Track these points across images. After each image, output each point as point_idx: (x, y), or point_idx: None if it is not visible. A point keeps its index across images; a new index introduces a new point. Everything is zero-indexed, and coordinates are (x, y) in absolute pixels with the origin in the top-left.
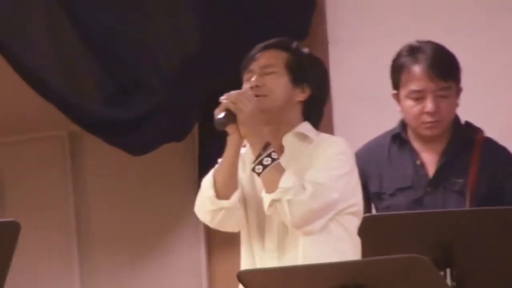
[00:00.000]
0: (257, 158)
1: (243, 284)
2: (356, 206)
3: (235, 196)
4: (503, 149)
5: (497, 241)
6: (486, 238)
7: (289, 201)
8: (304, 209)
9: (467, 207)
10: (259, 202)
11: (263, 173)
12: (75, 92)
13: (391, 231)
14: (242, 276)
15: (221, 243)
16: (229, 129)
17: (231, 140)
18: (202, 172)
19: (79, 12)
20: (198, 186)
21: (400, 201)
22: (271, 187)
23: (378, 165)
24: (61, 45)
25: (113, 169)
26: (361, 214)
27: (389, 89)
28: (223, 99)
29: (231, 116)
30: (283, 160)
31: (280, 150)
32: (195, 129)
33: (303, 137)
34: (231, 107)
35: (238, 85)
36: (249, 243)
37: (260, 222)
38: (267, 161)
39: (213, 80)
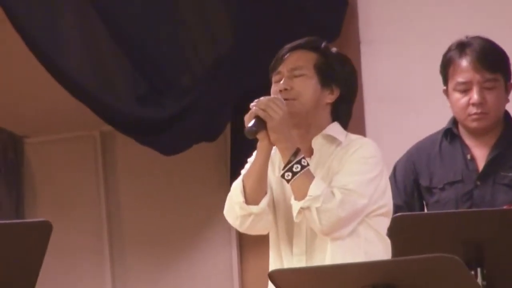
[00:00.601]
0: (287, 164)
1: (274, 284)
2: (386, 207)
3: (264, 201)
4: None
5: None
6: (505, 231)
7: (318, 209)
8: (333, 218)
9: None
10: (288, 206)
11: (292, 180)
12: (107, 92)
13: (421, 231)
14: (274, 276)
15: (252, 243)
16: (259, 135)
17: (261, 146)
18: (234, 173)
19: (111, 12)
20: (229, 186)
21: (450, 195)
22: (300, 194)
23: (429, 161)
24: (93, 45)
25: (144, 169)
26: (390, 215)
27: (423, 90)
28: (253, 105)
29: (261, 124)
30: (312, 163)
31: (309, 153)
32: (227, 129)
33: (332, 139)
34: (261, 114)
35: (269, 86)
36: (277, 246)
37: (288, 227)
38: (296, 168)
39: (245, 80)
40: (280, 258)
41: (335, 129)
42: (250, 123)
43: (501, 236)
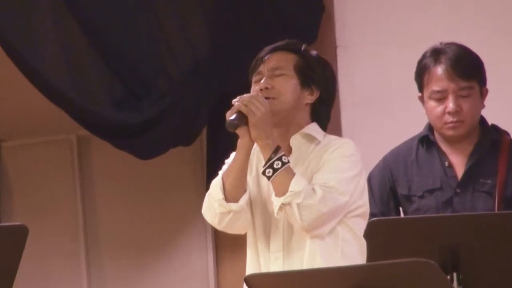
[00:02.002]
0: (267, 161)
1: None
2: (363, 208)
3: (244, 199)
4: None
5: (504, 245)
6: (492, 242)
7: (299, 205)
8: (314, 214)
9: (496, 208)
10: (265, 204)
11: (273, 176)
12: (84, 96)
13: (397, 235)
14: (250, 280)
15: (229, 246)
16: (240, 131)
17: (241, 143)
18: (210, 176)
19: (88, 17)
20: (206, 190)
21: (430, 203)
22: (281, 191)
23: (406, 168)
24: (69, 47)
25: (121, 173)
26: (367, 216)
27: (398, 94)
28: (235, 101)
29: (242, 118)
30: (291, 161)
31: (289, 151)
32: (203, 133)
33: (311, 138)
34: (243, 109)
35: (246, 90)
36: (254, 245)
37: (266, 224)
38: (277, 164)
39: (221, 84)
40: (257, 256)
41: (314, 128)
42: (231, 116)
43: (477, 241)
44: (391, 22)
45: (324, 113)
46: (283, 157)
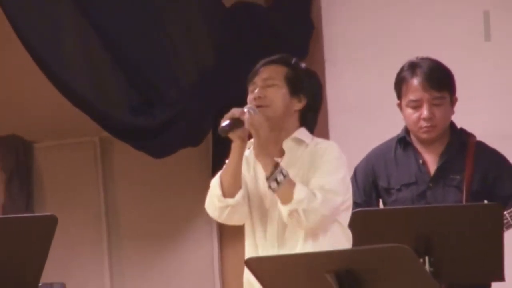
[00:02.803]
0: (270, 175)
1: (250, 270)
2: (348, 202)
3: (239, 195)
4: (494, 151)
5: (469, 232)
6: (459, 230)
7: (304, 210)
8: (318, 217)
9: (464, 200)
10: (262, 198)
11: (278, 188)
12: (105, 103)
13: (378, 224)
14: (250, 263)
15: (231, 234)
16: (232, 136)
17: (234, 146)
18: (215, 173)
19: (109, 35)
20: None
21: (406, 195)
22: (286, 199)
23: (386, 165)
24: (94, 63)
25: (138, 170)
26: (351, 208)
27: (378, 102)
28: (237, 110)
29: (233, 125)
30: (284, 162)
31: (281, 153)
32: (209, 135)
33: (300, 141)
34: (247, 125)
35: (246, 98)
36: (252, 234)
37: (262, 216)
38: (279, 177)
39: (224, 93)
40: (255, 244)
41: (302, 133)
42: (224, 123)
43: (446, 229)
44: (372, 40)
45: (311, 118)
46: (283, 170)
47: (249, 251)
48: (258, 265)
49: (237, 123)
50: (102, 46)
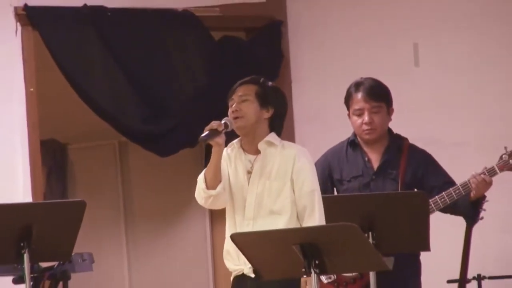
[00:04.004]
0: None
1: (234, 243)
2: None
3: (220, 187)
4: (423, 151)
5: (402, 213)
6: (395, 210)
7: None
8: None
9: (398, 189)
10: (241, 187)
11: None
12: (123, 115)
13: (333, 207)
14: (234, 237)
15: (219, 216)
16: (212, 142)
17: (214, 150)
18: None
19: (126, 63)
20: None
21: (354, 185)
22: None
23: (339, 161)
24: (114, 84)
25: (148, 166)
26: None
27: (334, 114)
28: (215, 122)
29: (211, 135)
30: (260, 160)
31: (257, 152)
32: None
33: (271, 144)
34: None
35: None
36: (232, 215)
37: (241, 201)
38: None
39: (214, 106)
40: (234, 223)
41: (272, 137)
42: (204, 133)
43: (385, 210)
44: (329, 65)
45: (278, 124)
46: None
47: (230, 228)
48: (241, 239)
49: (215, 133)
50: (121, 72)
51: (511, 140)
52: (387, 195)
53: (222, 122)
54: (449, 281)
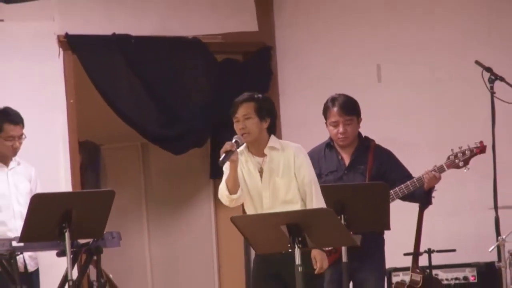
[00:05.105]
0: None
1: (234, 225)
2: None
3: (239, 192)
4: (387, 150)
5: (368, 200)
6: (362, 198)
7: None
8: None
9: (366, 181)
10: (256, 184)
11: None
12: (144, 121)
13: None
14: (234, 220)
15: (222, 204)
16: (229, 161)
17: (231, 166)
18: (212, 164)
19: (147, 79)
20: (209, 172)
21: (330, 178)
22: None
23: (319, 159)
24: (137, 96)
25: (165, 163)
26: None
27: (315, 122)
28: (228, 143)
29: (227, 156)
30: (267, 161)
31: (263, 155)
32: (208, 141)
33: (273, 148)
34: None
35: (230, 119)
36: (253, 207)
37: (258, 194)
38: None
39: (218, 115)
40: (256, 213)
41: (273, 141)
42: (221, 157)
43: (354, 198)
44: (311, 81)
45: (273, 128)
46: None
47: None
48: (239, 221)
49: (230, 153)
50: (143, 87)
51: (456, 143)
52: (356, 185)
53: (233, 141)
54: (405, 254)
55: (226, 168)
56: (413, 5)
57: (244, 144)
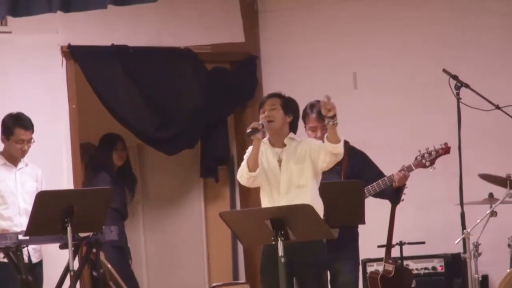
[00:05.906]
0: (332, 117)
1: (223, 220)
2: None
3: (258, 170)
4: (360, 152)
5: (344, 196)
6: (338, 192)
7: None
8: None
9: (342, 180)
10: (274, 170)
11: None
12: (140, 124)
13: None
14: (223, 215)
15: (211, 199)
16: (253, 137)
17: (254, 143)
18: (202, 164)
19: (142, 85)
20: (199, 171)
21: None
22: (337, 139)
23: None
24: (133, 101)
25: (159, 163)
26: None
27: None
28: (254, 123)
29: (253, 132)
30: (286, 150)
31: (283, 145)
32: (198, 143)
33: (293, 139)
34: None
35: (218, 124)
36: (270, 192)
37: (276, 181)
38: (334, 121)
39: (207, 119)
40: (272, 198)
41: (293, 135)
42: (248, 130)
43: (332, 192)
44: (292, 90)
45: (295, 126)
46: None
47: (268, 203)
48: (227, 217)
49: (255, 130)
50: (139, 93)
51: (425, 145)
52: (334, 183)
53: (260, 122)
54: (379, 246)
55: (248, 151)
56: (388, 18)
57: (267, 137)
